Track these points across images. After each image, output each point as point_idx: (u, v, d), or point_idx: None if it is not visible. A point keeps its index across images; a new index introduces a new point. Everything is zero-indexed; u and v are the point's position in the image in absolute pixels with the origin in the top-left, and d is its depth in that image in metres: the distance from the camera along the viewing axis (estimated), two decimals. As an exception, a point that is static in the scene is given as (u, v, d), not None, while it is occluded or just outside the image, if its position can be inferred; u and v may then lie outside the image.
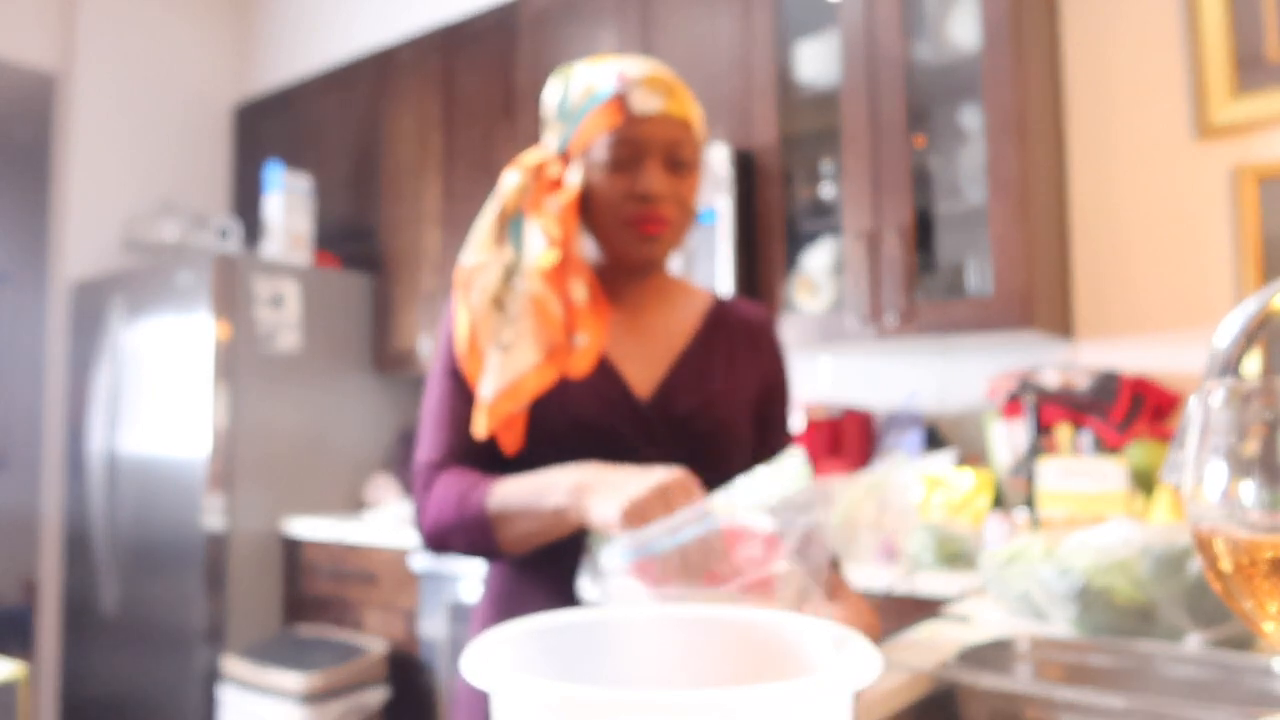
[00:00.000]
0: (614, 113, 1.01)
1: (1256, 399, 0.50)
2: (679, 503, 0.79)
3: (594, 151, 1.02)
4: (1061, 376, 2.04)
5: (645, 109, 1.01)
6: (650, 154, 1.01)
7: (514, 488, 0.92)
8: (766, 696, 0.37)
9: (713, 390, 1.07)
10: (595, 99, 1.02)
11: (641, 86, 1.01)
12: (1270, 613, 0.50)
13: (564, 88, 1.05)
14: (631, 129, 1.00)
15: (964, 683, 0.82)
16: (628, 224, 1.02)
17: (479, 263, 1.04)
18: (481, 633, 1.06)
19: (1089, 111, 2.21)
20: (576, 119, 1.03)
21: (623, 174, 1.01)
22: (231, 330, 2.93)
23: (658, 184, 1.01)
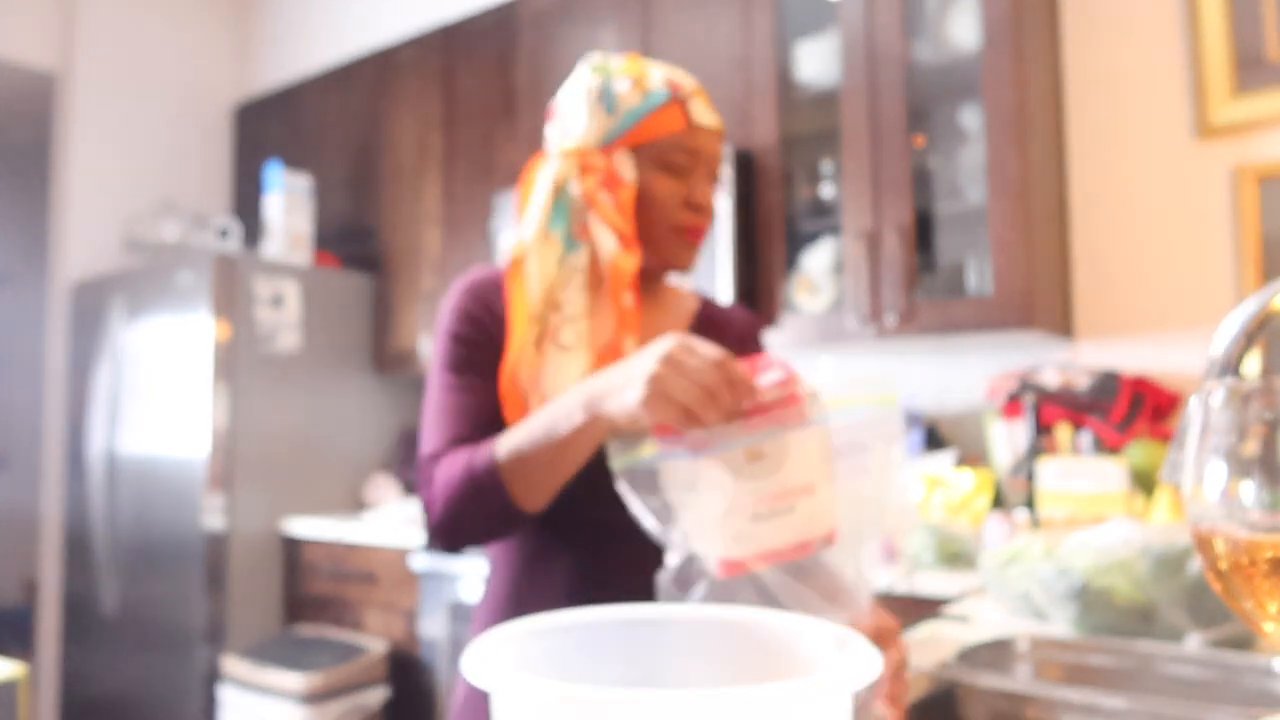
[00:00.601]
0: (678, 118, 1.01)
1: (1256, 399, 0.50)
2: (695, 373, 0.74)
3: (651, 152, 1.01)
4: (1061, 376, 2.04)
5: (704, 121, 1.03)
6: (702, 165, 1.03)
7: (521, 429, 0.89)
8: (766, 696, 0.37)
9: None
10: (653, 99, 1.01)
11: (697, 98, 1.03)
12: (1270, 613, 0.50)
13: (605, 80, 1.03)
14: (692, 138, 1.02)
15: (964, 683, 0.82)
16: (678, 230, 1.03)
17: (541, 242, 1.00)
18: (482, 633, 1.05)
19: (1089, 111, 2.21)
20: (634, 116, 1.01)
21: (677, 180, 1.02)
22: (231, 330, 2.93)
23: (709, 197, 1.03)
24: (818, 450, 0.77)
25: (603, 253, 0.99)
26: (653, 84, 1.02)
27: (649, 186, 1.02)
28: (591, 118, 1.03)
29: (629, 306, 0.99)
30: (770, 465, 0.75)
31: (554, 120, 1.08)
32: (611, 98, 1.02)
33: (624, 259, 0.98)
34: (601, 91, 1.03)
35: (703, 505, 0.74)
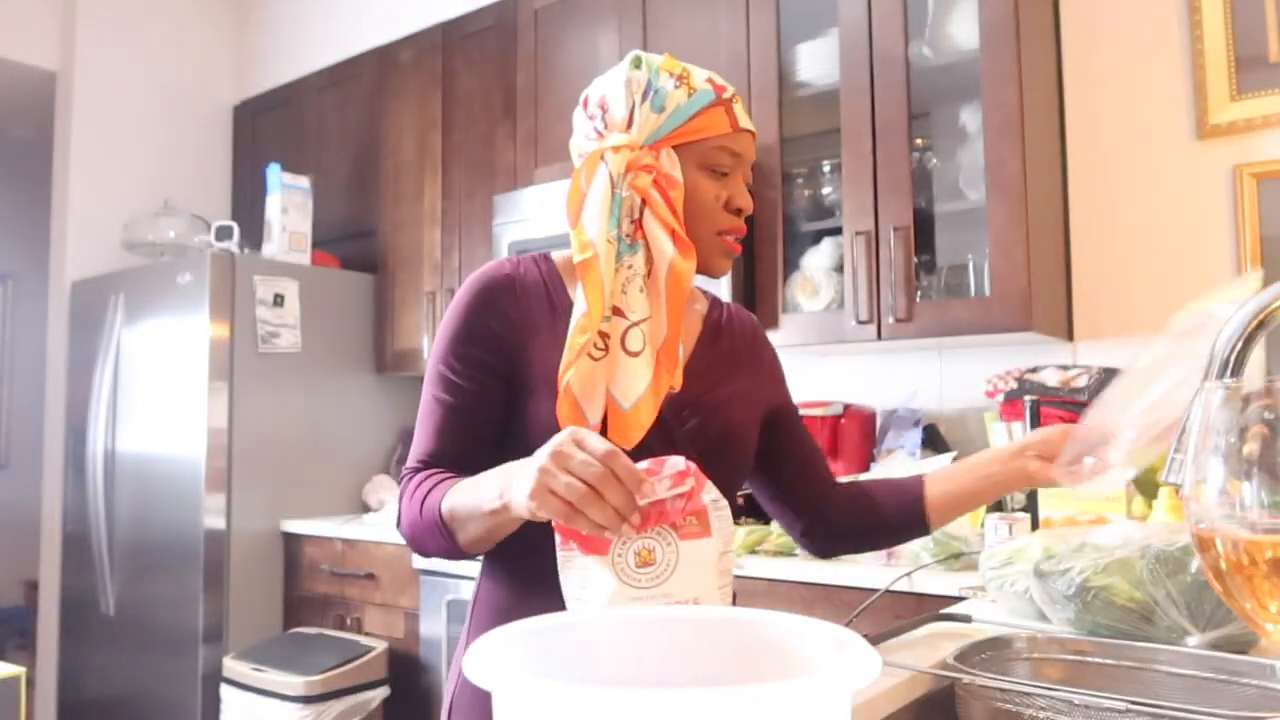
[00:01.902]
0: (723, 119, 1.00)
1: (1256, 399, 0.50)
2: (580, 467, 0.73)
3: (696, 152, 1.00)
4: (1061, 376, 2.04)
5: (746, 124, 1.02)
6: (741, 169, 1.03)
7: (458, 494, 0.90)
8: (766, 696, 0.37)
9: (724, 394, 1.06)
10: (699, 98, 0.99)
11: (738, 102, 1.02)
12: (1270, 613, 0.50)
13: (649, 76, 1.00)
14: (736, 141, 1.01)
15: (964, 683, 0.82)
16: (719, 234, 1.02)
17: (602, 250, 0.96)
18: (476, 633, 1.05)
19: (1089, 111, 2.21)
20: (682, 114, 0.99)
21: (720, 182, 1.01)
22: (231, 330, 2.93)
23: (749, 201, 1.03)
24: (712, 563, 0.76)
25: (660, 254, 0.97)
26: (698, 83, 1.00)
27: (694, 188, 1.00)
28: (639, 113, 1.00)
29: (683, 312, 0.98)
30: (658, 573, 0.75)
31: (591, 112, 1.03)
32: (659, 94, 0.99)
33: (683, 262, 0.96)
34: (648, 87, 1.00)
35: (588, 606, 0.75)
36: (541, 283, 1.05)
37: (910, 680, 0.88)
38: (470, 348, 1.01)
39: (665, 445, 0.99)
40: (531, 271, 1.07)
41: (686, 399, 1.03)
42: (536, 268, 1.07)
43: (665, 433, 1.00)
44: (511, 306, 1.03)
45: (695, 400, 1.03)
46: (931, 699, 0.88)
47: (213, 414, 2.87)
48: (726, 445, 1.04)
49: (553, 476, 0.74)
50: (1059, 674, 0.93)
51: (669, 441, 1.00)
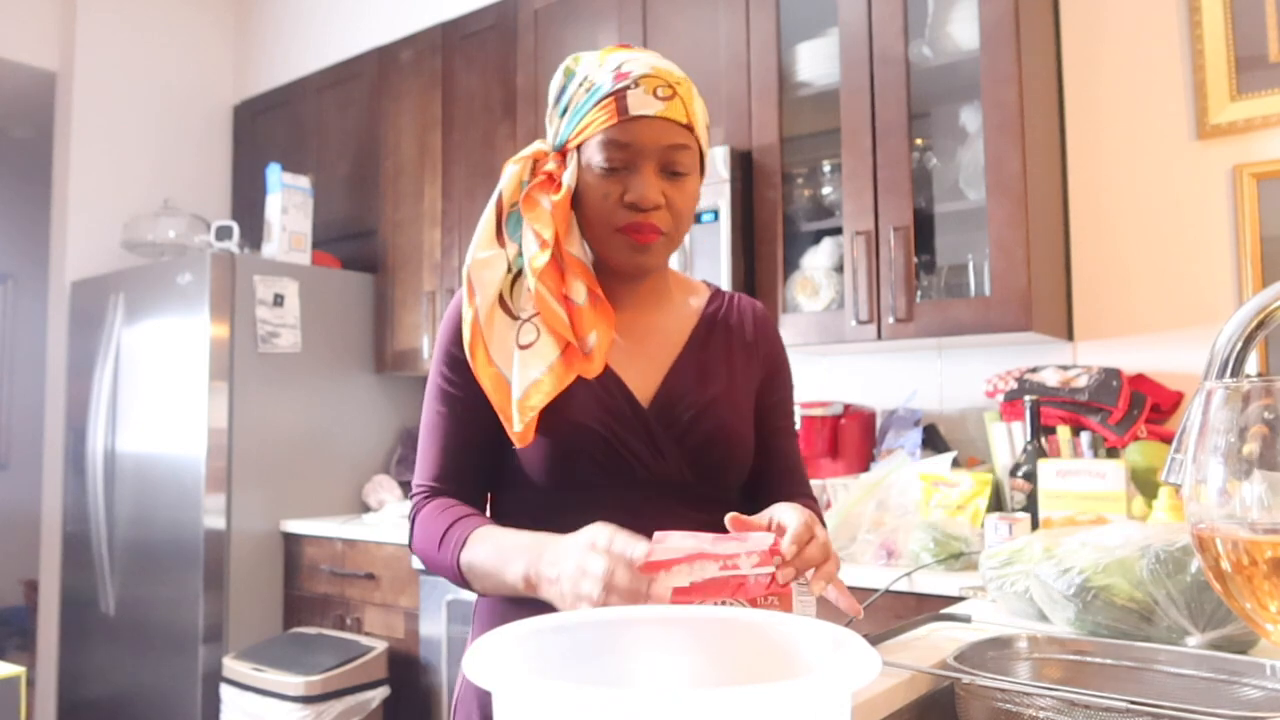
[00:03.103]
0: (613, 110, 0.95)
1: (1256, 399, 0.50)
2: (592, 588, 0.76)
3: (587, 151, 0.97)
4: (1061, 376, 2.04)
5: (642, 110, 0.95)
6: (645, 159, 0.96)
7: (479, 550, 0.92)
8: (766, 696, 0.37)
9: (713, 393, 1.03)
10: (593, 94, 0.96)
11: (641, 85, 0.95)
12: (1270, 613, 0.50)
13: (565, 79, 1.01)
14: (627, 132, 0.95)
15: (964, 682, 0.82)
16: (618, 231, 0.97)
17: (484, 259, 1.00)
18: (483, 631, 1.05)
19: (1089, 111, 2.21)
20: (576, 115, 0.98)
21: (615, 178, 0.96)
22: (231, 330, 2.93)
23: (651, 193, 0.96)
24: None
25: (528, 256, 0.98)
26: (600, 78, 0.97)
27: (584, 188, 0.98)
28: (550, 121, 1.03)
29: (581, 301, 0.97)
30: None
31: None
32: (565, 98, 1.00)
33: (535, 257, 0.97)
34: (560, 92, 1.01)
35: None
36: None
37: (910, 680, 0.88)
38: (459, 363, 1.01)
39: (652, 452, 0.98)
40: None
41: (672, 402, 1.01)
42: None
43: (650, 439, 0.99)
44: None
45: (681, 402, 1.01)
46: (931, 699, 0.88)
47: (213, 414, 2.87)
48: (715, 447, 1.01)
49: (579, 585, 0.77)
50: (1059, 674, 0.93)
51: (655, 449, 0.99)
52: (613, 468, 0.98)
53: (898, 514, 1.95)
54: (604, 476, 0.98)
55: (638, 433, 0.99)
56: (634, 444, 0.98)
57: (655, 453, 0.99)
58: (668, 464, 0.99)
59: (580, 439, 0.97)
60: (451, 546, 0.94)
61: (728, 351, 1.08)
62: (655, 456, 0.99)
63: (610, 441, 0.98)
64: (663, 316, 1.08)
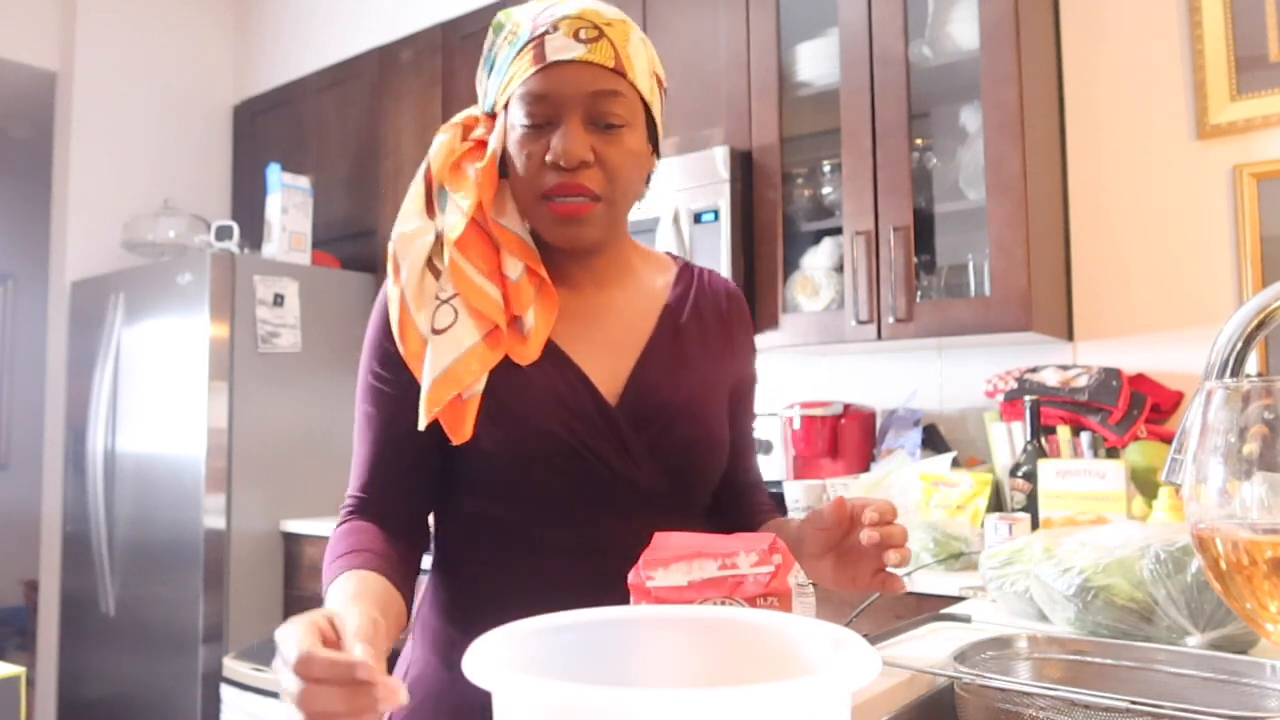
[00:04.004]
0: (530, 58, 0.83)
1: (1256, 399, 0.50)
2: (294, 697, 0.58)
3: (511, 110, 0.86)
4: (1061, 376, 2.04)
5: (560, 55, 0.82)
6: (569, 111, 0.83)
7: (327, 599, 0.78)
8: (766, 696, 0.37)
9: (689, 388, 0.92)
10: (514, 45, 0.85)
11: (561, 27, 0.83)
12: (1270, 613, 0.50)
13: (494, 35, 0.89)
14: (546, 81, 0.83)
15: (964, 682, 0.82)
16: (543, 198, 0.85)
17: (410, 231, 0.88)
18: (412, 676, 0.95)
19: (1089, 111, 2.21)
20: (501, 70, 0.87)
21: (539, 136, 0.84)
22: (231, 330, 2.93)
23: (574, 147, 0.82)
24: None
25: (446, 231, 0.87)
26: (524, 26, 0.85)
27: (511, 150, 0.86)
28: (479, 84, 0.92)
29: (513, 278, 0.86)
30: None
31: None
32: (491, 54, 0.89)
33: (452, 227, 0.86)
34: (487, 50, 0.90)
35: None
36: None
37: (910, 680, 0.88)
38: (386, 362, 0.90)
39: (623, 459, 0.88)
40: None
41: (642, 398, 0.90)
42: None
43: (621, 443, 0.88)
44: None
45: (653, 398, 0.90)
46: (931, 699, 0.88)
47: (213, 414, 2.87)
48: (694, 451, 0.92)
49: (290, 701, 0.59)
50: (1059, 674, 0.93)
51: (626, 457, 0.88)
52: (578, 477, 0.86)
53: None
54: (566, 488, 0.87)
55: (606, 437, 0.87)
56: (602, 449, 0.87)
57: (626, 459, 0.88)
58: (640, 471, 0.88)
59: (539, 445, 0.85)
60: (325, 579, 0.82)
61: (701, 338, 0.96)
62: (626, 463, 0.88)
63: (575, 448, 0.86)
64: (626, 296, 0.95)
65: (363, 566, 0.81)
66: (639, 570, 0.73)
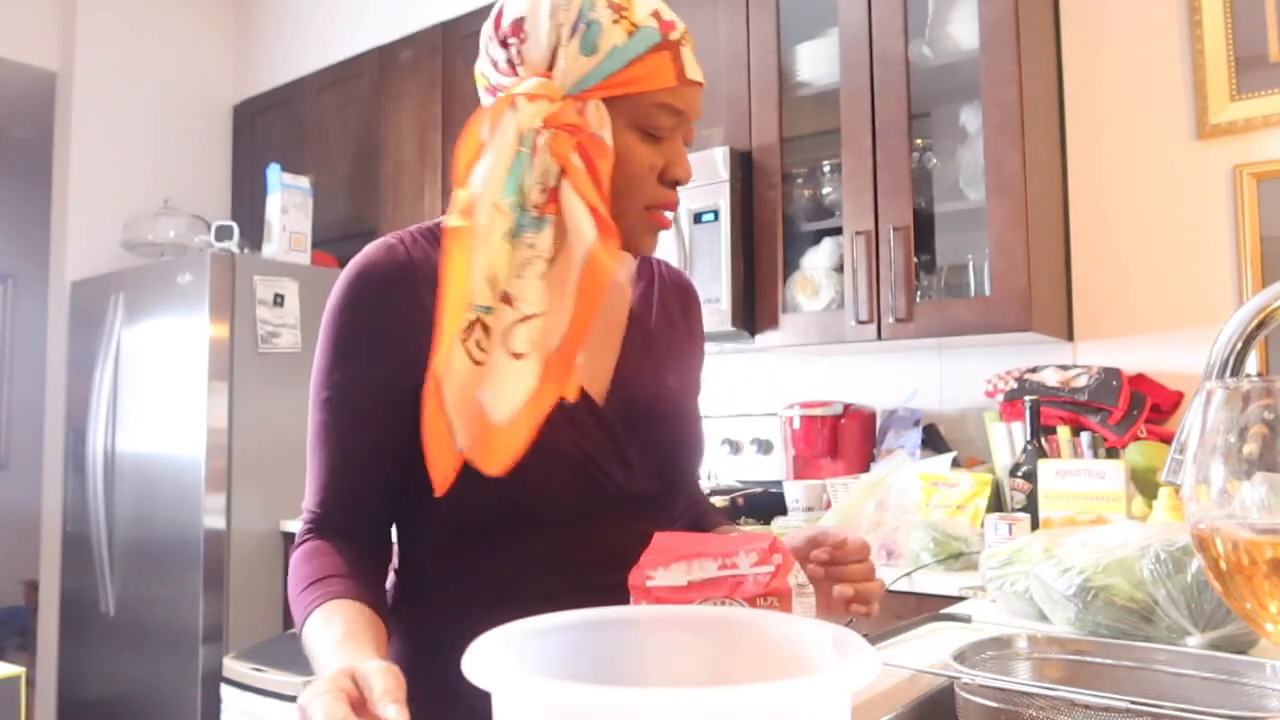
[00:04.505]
0: (671, 68, 0.79)
1: (1256, 399, 0.50)
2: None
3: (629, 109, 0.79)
4: (1061, 376, 2.04)
5: (696, 75, 0.81)
6: (684, 129, 0.83)
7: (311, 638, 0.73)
8: (766, 696, 0.37)
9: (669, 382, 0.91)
10: (641, 39, 0.78)
11: (687, 43, 0.81)
12: (1270, 613, 0.50)
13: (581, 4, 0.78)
14: (682, 96, 0.80)
15: (964, 682, 0.82)
16: (647, 209, 0.82)
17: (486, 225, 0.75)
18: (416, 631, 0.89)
19: (1089, 111, 2.21)
20: (616, 60, 0.78)
21: (656, 147, 0.82)
22: (231, 330, 2.93)
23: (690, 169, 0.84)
24: None
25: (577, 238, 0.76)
26: (640, 17, 0.78)
27: (625, 153, 0.80)
28: (563, 53, 0.78)
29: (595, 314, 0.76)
30: None
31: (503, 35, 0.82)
32: (591, 30, 0.77)
33: (604, 253, 0.75)
34: (578, 19, 0.78)
35: None
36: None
37: (910, 680, 0.88)
38: (358, 359, 0.82)
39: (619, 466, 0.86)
40: (426, 253, 0.84)
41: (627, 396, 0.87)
42: (435, 246, 0.85)
43: (617, 451, 0.86)
44: (407, 300, 0.82)
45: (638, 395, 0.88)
46: (931, 699, 0.88)
47: (213, 414, 2.87)
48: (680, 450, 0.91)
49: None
50: (1059, 674, 0.93)
51: (622, 461, 0.86)
52: (578, 491, 0.83)
53: (898, 514, 1.94)
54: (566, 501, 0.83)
55: (602, 444, 0.84)
56: (600, 459, 0.84)
57: (623, 465, 0.85)
58: (635, 477, 0.86)
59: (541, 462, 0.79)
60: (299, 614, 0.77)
61: (670, 331, 0.95)
62: (623, 469, 0.85)
63: (578, 461, 0.83)
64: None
65: (341, 595, 0.76)
66: (639, 570, 0.73)
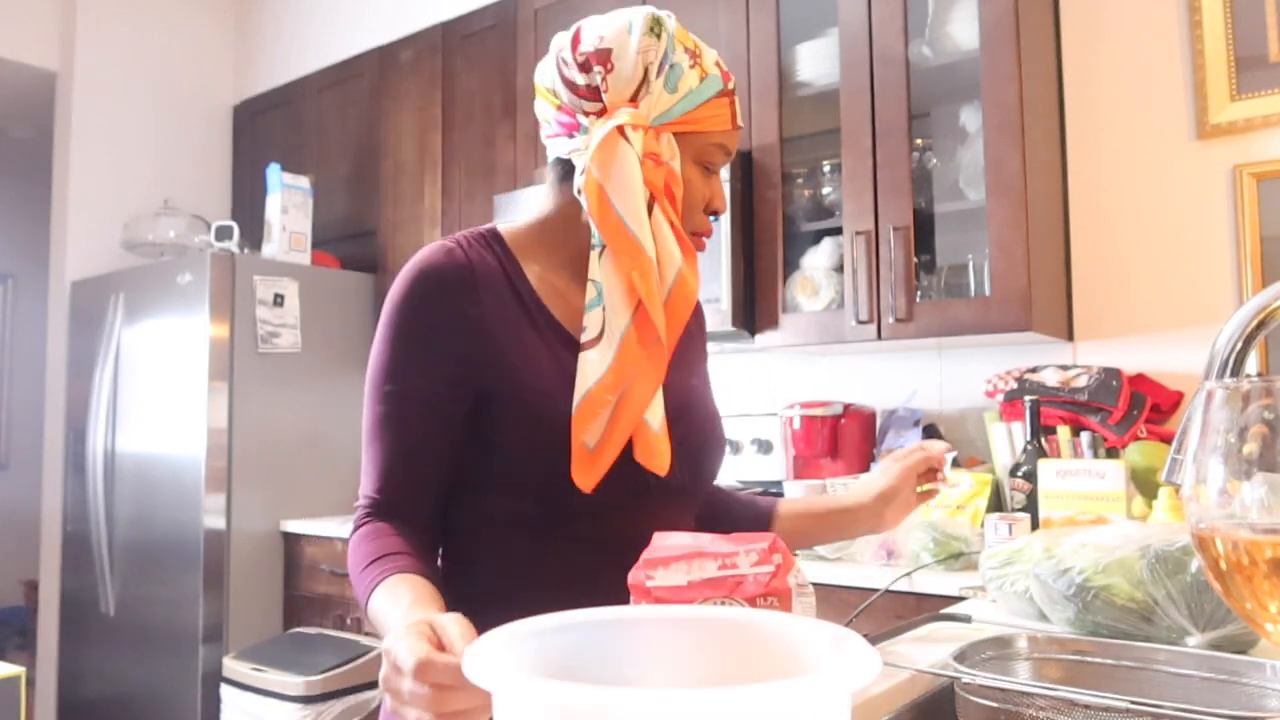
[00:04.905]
0: (726, 114, 0.91)
1: (1256, 399, 0.50)
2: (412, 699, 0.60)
3: (694, 145, 0.91)
4: (1061, 376, 2.04)
5: (741, 121, 0.94)
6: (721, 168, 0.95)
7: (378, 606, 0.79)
8: (766, 696, 0.37)
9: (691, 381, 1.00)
10: (710, 85, 0.90)
11: (736, 92, 0.93)
12: (1270, 613, 0.50)
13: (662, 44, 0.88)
14: (732, 139, 0.93)
15: (964, 682, 0.82)
16: (693, 234, 0.93)
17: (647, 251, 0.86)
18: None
19: (1089, 111, 2.21)
20: (694, 99, 0.89)
21: (708, 181, 0.93)
22: (231, 330, 2.93)
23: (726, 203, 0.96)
24: None
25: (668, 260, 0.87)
26: (708, 64, 0.91)
27: (687, 183, 0.92)
28: (651, 87, 0.88)
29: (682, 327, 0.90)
30: None
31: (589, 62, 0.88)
32: (675, 71, 0.88)
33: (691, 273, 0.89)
34: (664, 59, 0.88)
35: None
36: (499, 268, 0.91)
37: (910, 680, 0.88)
38: (419, 355, 0.87)
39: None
40: (484, 256, 0.91)
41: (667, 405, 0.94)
42: (490, 250, 0.92)
43: None
44: (467, 300, 0.87)
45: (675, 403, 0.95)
46: (931, 699, 0.88)
47: (213, 414, 2.87)
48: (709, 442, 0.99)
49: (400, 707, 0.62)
50: (1059, 674, 0.93)
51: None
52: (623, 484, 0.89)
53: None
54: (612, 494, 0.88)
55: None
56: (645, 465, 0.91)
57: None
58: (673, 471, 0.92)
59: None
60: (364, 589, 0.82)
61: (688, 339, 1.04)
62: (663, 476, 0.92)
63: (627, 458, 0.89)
64: None
65: (405, 570, 0.81)
66: (639, 570, 0.73)
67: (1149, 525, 1.18)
